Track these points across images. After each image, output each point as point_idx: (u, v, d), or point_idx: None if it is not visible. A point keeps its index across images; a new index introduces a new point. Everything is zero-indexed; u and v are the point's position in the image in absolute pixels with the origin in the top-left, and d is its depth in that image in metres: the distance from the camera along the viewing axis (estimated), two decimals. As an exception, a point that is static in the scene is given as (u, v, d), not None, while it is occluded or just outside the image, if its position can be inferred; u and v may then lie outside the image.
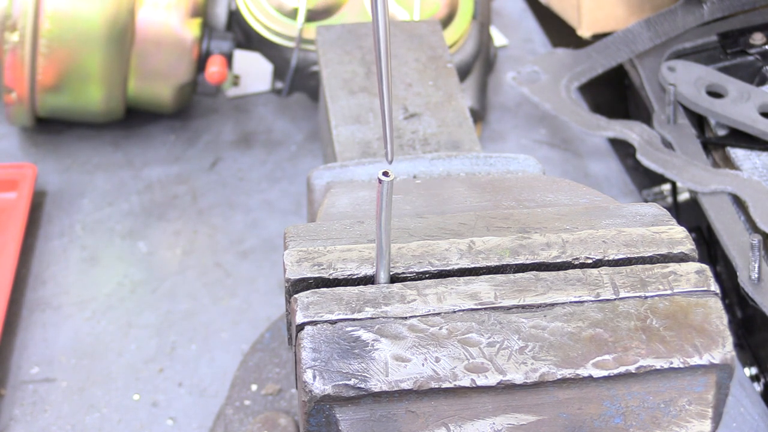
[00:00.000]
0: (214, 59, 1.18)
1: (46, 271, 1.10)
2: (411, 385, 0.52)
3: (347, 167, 0.76)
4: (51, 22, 1.10)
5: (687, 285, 0.57)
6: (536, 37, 1.46)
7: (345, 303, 0.55)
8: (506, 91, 1.35)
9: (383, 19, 0.49)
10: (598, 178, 1.23)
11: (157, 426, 0.95)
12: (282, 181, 1.22)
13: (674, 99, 1.14)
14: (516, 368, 0.53)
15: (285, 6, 1.17)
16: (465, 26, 1.19)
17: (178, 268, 1.11)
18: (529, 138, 1.29)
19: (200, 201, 1.19)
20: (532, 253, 0.59)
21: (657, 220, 0.62)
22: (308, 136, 1.29)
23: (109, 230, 1.15)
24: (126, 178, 1.22)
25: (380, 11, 0.48)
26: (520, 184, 0.71)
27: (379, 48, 0.50)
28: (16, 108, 1.17)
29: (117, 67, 1.14)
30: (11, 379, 0.99)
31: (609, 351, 0.54)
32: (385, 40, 0.49)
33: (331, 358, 0.52)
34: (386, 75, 0.50)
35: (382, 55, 0.50)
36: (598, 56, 1.24)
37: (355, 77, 0.90)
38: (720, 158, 1.11)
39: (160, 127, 1.29)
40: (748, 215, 1.02)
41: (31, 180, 1.15)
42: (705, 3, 1.23)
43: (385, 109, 0.51)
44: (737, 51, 1.20)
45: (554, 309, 0.55)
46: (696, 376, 0.54)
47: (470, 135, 0.84)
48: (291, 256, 0.58)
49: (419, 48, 0.93)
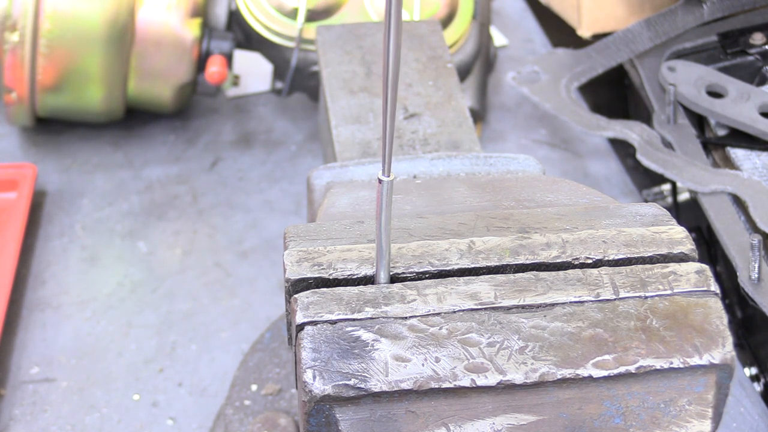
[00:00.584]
0: (214, 59, 1.18)
1: (46, 271, 1.10)
2: (411, 385, 0.52)
3: (347, 167, 0.76)
4: (51, 22, 1.10)
5: (687, 285, 0.57)
6: (536, 37, 1.46)
7: (345, 303, 0.55)
8: (506, 91, 1.35)
9: (394, 52, 0.48)
10: (598, 178, 1.23)
11: (157, 426, 0.95)
12: (282, 181, 1.22)
13: (674, 99, 1.14)
14: (516, 368, 0.53)
15: (285, 6, 1.17)
16: (465, 26, 1.19)
17: (178, 268, 1.11)
18: (529, 138, 1.29)
19: (200, 201, 1.19)
20: (532, 253, 0.59)
21: (657, 220, 0.62)
22: (308, 136, 1.29)
23: (109, 230, 1.15)
24: (126, 178, 1.22)
25: (392, 37, 0.48)
26: (520, 184, 0.71)
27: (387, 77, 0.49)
28: (16, 108, 1.17)
29: (117, 67, 1.14)
30: (11, 379, 0.99)
31: (609, 351, 0.54)
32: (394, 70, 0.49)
33: (331, 358, 0.52)
34: (390, 108, 0.50)
35: (389, 92, 0.49)
36: (598, 56, 1.24)
37: (355, 77, 0.90)
38: (720, 158, 1.11)
39: (160, 127, 1.29)
40: (748, 215, 1.02)
41: (31, 180, 1.15)
42: (705, 3, 1.23)
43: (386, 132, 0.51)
44: (737, 51, 1.20)
45: (554, 309, 0.55)
46: (696, 376, 0.54)
47: (470, 135, 0.84)
48: (291, 256, 0.58)
49: (419, 48, 0.93)
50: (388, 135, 0.50)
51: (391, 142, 0.50)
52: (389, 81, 0.48)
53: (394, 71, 0.48)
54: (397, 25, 0.47)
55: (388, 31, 0.47)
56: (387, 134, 0.50)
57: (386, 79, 0.48)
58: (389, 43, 0.47)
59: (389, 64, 0.48)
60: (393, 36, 0.47)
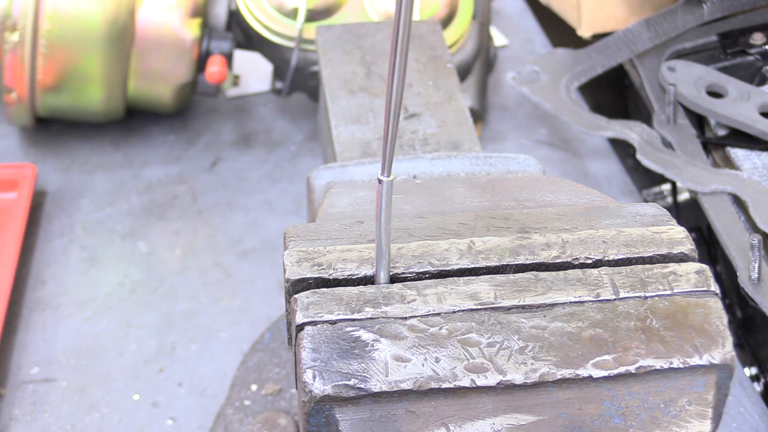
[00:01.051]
0: (214, 59, 1.18)
1: (46, 271, 1.10)
2: (411, 385, 0.52)
3: (347, 167, 0.76)
4: (51, 22, 1.10)
5: (687, 285, 0.57)
6: (536, 37, 1.46)
7: (345, 303, 0.55)
8: (506, 91, 1.35)
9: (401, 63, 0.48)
10: (598, 178, 1.23)
11: (157, 426, 0.95)
12: (282, 181, 1.22)
13: (674, 99, 1.14)
14: (516, 368, 0.53)
15: (285, 6, 1.17)
16: (465, 26, 1.19)
17: (178, 268, 1.11)
18: (529, 138, 1.29)
19: (200, 201, 1.19)
20: (532, 253, 0.59)
21: (657, 220, 0.62)
22: (308, 136, 1.29)
23: (109, 230, 1.15)
24: (126, 178, 1.22)
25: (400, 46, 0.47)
26: (520, 184, 0.71)
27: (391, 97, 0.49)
28: (16, 108, 1.17)
29: (117, 67, 1.14)
30: (11, 379, 0.99)
31: (609, 351, 0.54)
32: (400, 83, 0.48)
33: (331, 358, 0.52)
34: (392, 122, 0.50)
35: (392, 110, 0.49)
36: (598, 56, 1.24)
37: (355, 77, 0.90)
38: (720, 158, 1.11)
39: (160, 127, 1.29)
40: (748, 215, 1.02)
41: (31, 180, 1.15)
42: (705, 3, 1.23)
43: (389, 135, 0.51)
44: (737, 51, 1.20)
45: (554, 309, 0.55)
46: (696, 377, 0.54)
47: (470, 135, 0.84)
48: (291, 257, 0.58)
49: (419, 48, 0.93)
50: (389, 136, 0.50)
51: (393, 143, 0.50)
52: (394, 83, 0.48)
53: (399, 73, 0.48)
54: (405, 28, 0.47)
55: (396, 33, 0.47)
56: (389, 134, 0.50)
57: (391, 81, 0.48)
58: (396, 46, 0.47)
59: (395, 66, 0.48)
60: (400, 38, 0.47)
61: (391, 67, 0.48)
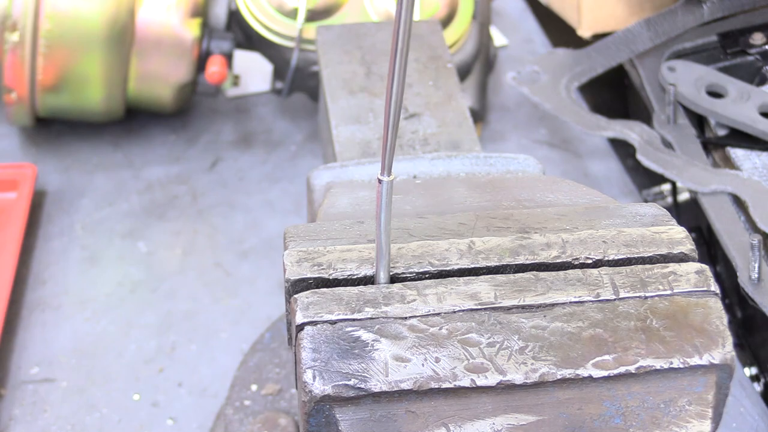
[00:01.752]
0: (214, 59, 1.18)
1: (46, 271, 1.10)
2: (411, 385, 0.52)
3: (347, 167, 0.76)
4: (51, 22, 1.10)
5: (687, 285, 0.57)
6: (536, 37, 1.46)
7: (345, 303, 0.55)
8: (506, 91, 1.35)
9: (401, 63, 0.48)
10: (598, 178, 1.23)
11: (157, 426, 0.95)
12: (282, 181, 1.22)
13: (674, 99, 1.14)
14: (516, 368, 0.53)
15: (285, 6, 1.17)
16: (465, 26, 1.19)
17: (178, 268, 1.11)
18: (529, 138, 1.29)
19: (200, 201, 1.19)
20: (532, 253, 0.59)
21: (657, 220, 0.62)
22: (308, 136, 1.29)
23: (109, 230, 1.15)
24: (126, 178, 1.22)
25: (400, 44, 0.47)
26: (520, 184, 0.71)
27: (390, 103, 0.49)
28: (16, 108, 1.17)
29: (117, 67, 1.14)
30: (11, 379, 0.99)
31: (609, 351, 0.54)
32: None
33: (331, 358, 0.52)
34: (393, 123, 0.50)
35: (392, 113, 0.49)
36: (598, 56, 1.24)
37: (355, 77, 0.90)
38: (720, 158, 1.11)
39: (160, 127, 1.29)
40: (748, 215, 1.02)
41: (31, 180, 1.15)
42: (705, 3, 1.23)
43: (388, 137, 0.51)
44: (737, 51, 1.20)
45: (554, 309, 0.55)
46: (696, 376, 0.54)
47: (470, 135, 0.84)
48: (291, 257, 0.58)
49: (419, 48, 0.93)
50: (389, 136, 0.50)
51: (393, 143, 0.50)
52: (394, 83, 0.48)
53: (399, 73, 0.48)
54: (405, 28, 0.47)
55: (397, 33, 0.47)
56: (389, 135, 0.50)
57: (391, 81, 0.48)
58: (397, 46, 0.47)
59: (395, 66, 0.48)
60: (401, 38, 0.47)
61: (392, 67, 0.48)
